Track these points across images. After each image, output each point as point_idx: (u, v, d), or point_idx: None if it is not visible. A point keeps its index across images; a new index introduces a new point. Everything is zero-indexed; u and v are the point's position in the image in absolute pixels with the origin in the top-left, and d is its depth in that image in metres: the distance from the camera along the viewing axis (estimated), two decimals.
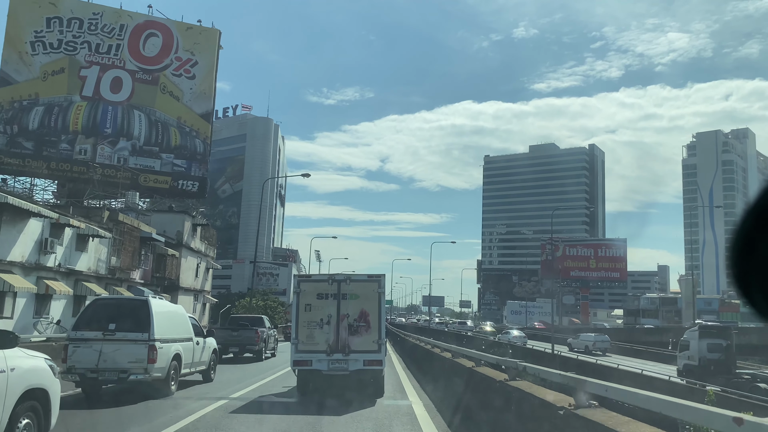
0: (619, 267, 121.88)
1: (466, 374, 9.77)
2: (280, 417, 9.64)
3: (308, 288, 12.39)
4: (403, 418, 9.70)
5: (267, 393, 12.60)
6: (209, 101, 44.93)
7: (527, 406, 5.91)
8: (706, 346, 24.43)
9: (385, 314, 13.06)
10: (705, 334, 25.27)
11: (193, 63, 44.29)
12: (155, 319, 11.30)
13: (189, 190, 43.14)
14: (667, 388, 17.58)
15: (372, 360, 11.98)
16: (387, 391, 12.69)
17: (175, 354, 12.09)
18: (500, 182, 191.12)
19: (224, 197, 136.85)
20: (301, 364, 12.05)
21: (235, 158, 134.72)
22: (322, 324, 12.05)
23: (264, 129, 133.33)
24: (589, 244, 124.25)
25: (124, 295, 23.62)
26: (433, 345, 18.09)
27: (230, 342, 21.35)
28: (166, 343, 11.66)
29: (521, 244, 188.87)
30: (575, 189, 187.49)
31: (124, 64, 42.79)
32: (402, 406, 11.05)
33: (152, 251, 33.37)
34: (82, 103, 41.66)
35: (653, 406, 3.93)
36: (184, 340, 12.78)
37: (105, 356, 10.87)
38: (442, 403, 10.96)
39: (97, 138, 41.54)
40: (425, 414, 10.11)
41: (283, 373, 16.67)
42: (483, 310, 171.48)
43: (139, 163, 42.10)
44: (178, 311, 13.52)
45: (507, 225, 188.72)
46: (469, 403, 8.87)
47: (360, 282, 12.58)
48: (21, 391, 5.70)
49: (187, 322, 13.52)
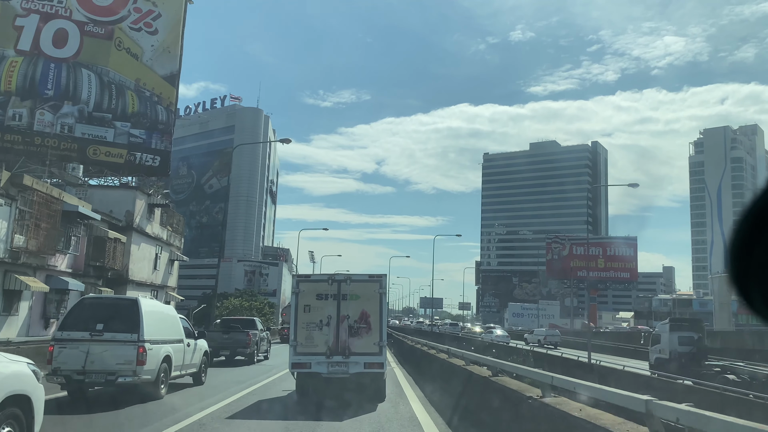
0: (629, 267, 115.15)
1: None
2: (276, 423, 9.49)
3: (307, 288, 12.18)
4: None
5: (262, 397, 12.26)
6: (174, 61, 37.65)
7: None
8: (677, 339, 24.54)
9: (387, 315, 12.74)
10: (676, 327, 25.32)
11: (155, 15, 37.07)
12: (145, 320, 11.03)
13: (148, 164, 35.92)
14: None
15: (373, 362, 11.74)
16: (388, 387, 12.87)
17: (165, 356, 11.81)
18: (499, 181, 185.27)
19: (211, 192, 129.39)
20: (300, 367, 11.80)
21: (223, 151, 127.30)
22: (321, 325, 11.87)
23: (253, 120, 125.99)
24: (597, 242, 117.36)
25: (113, 295, 22.60)
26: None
27: (221, 345, 20.90)
28: (155, 344, 11.37)
29: (521, 244, 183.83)
30: (577, 188, 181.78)
31: (71, 13, 35.53)
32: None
33: (87, 233, 26.21)
34: (17, 58, 34.39)
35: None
36: (174, 341, 12.50)
37: (92, 357, 10.58)
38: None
39: (35, 101, 34.26)
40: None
41: (278, 377, 16.47)
42: (482, 312, 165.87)
43: (88, 133, 34.83)
44: (168, 312, 13.24)
45: (506, 225, 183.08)
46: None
47: (361, 282, 12.27)
48: (1, 398, 5.57)
49: (177, 322, 13.21)
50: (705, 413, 4.01)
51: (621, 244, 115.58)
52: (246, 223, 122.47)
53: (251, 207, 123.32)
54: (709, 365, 22.85)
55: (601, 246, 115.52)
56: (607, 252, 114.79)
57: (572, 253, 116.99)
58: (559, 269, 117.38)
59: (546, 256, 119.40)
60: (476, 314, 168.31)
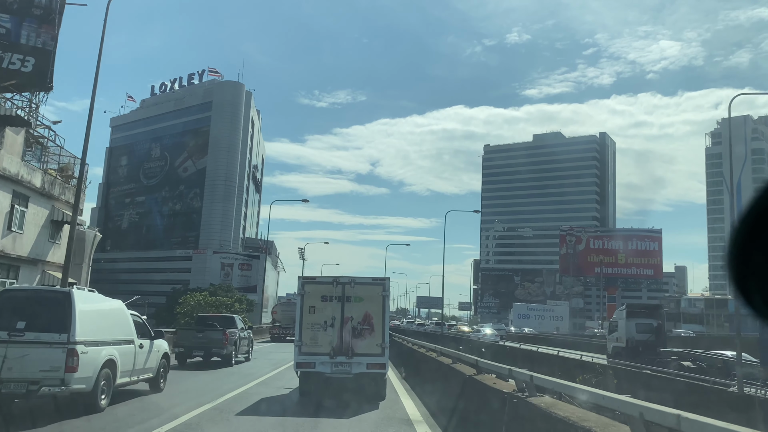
0: (653, 263, 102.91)
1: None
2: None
3: (312, 290, 12.47)
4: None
5: (232, 411, 10.49)
6: None
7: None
8: (635, 326, 24.37)
9: (389, 318, 13.01)
10: (633, 314, 25.28)
11: None
12: (78, 317, 9.53)
13: (15, 69, 22.77)
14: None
15: (375, 363, 12.11)
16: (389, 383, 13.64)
17: (108, 360, 10.20)
18: (500, 174, 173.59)
19: (186, 176, 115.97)
20: (305, 366, 12.10)
21: (199, 130, 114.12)
22: (325, 326, 12.18)
23: (233, 95, 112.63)
24: (618, 235, 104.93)
25: (40, 287, 18.36)
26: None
27: (194, 345, 19.56)
28: (93, 346, 9.80)
29: (521, 241, 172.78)
30: (583, 182, 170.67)
31: None
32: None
33: None
34: None
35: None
36: (121, 342, 11.02)
37: (10, 363, 9.03)
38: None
39: None
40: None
41: (257, 383, 14.82)
42: (481, 313, 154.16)
43: None
44: (114, 307, 11.53)
45: (507, 221, 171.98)
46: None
47: (364, 285, 12.63)
48: None
49: (127, 320, 11.62)
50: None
51: (644, 237, 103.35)
52: (224, 211, 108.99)
53: (230, 192, 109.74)
54: (666, 352, 22.42)
55: (623, 239, 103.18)
56: (629, 246, 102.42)
57: (589, 247, 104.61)
58: (574, 265, 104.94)
59: (559, 250, 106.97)
60: (474, 315, 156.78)
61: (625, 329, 24.40)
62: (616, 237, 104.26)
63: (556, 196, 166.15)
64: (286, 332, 39.76)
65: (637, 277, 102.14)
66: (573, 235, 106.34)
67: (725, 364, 19.28)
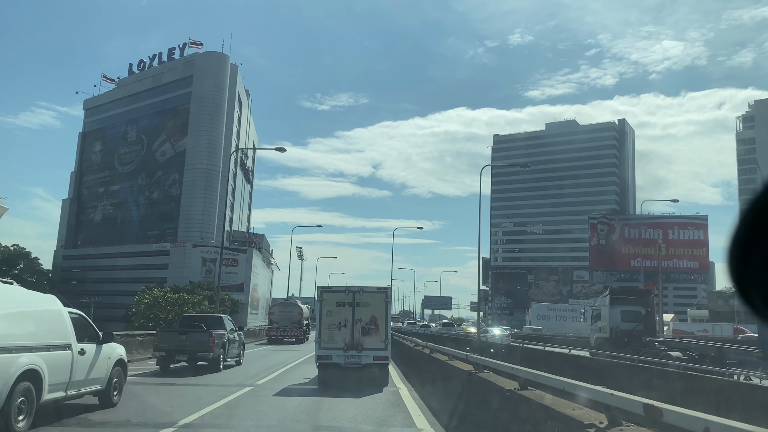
0: (698, 254, 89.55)
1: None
2: None
3: (329, 297, 15.26)
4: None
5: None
6: None
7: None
8: (620, 314, 22.61)
9: (391, 319, 16.00)
10: (618, 300, 23.23)
11: None
12: None
13: None
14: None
15: (380, 356, 14.87)
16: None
17: (26, 371, 7.82)
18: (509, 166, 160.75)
19: (164, 160, 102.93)
20: (323, 359, 14.82)
21: (178, 109, 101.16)
22: (340, 326, 14.91)
23: (216, 68, 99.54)
24: (657, 222, 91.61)
25: None
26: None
27: (177, 348, 17.82)
28: (5, 353, 7.58)
29: (534, 237, 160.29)
30: (601, 171, 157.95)
31: None
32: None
33: None
34: None
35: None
36: (51, 347, 8.68)
37: None
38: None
39: None
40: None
41: (241, 394, 12.39)
42: (492, 314, 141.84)
43: None
44: (41, 304, 9.08)
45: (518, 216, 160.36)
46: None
47: (371, 293, 15.44)
48: None
49: (61, 320, 9.20)
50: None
51: (687, 224, 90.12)
52: (206, 199, 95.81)
53: (212, 178, 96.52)
54: (651, 341, 21.09)
55: (662, 227, 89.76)
56: (670, 235, 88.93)
57: (623, 237, 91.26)
58: (606, 257, 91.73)
59: (590, 240, 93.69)
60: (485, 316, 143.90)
61: (609, 318, 22.83)
62: (655, 224, 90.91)
63: (570, 188, 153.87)
64: (284, 334, 37.43)
65: (682, 270, 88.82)
66: (605, 223, 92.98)
67: (720, 353, 18.41)
